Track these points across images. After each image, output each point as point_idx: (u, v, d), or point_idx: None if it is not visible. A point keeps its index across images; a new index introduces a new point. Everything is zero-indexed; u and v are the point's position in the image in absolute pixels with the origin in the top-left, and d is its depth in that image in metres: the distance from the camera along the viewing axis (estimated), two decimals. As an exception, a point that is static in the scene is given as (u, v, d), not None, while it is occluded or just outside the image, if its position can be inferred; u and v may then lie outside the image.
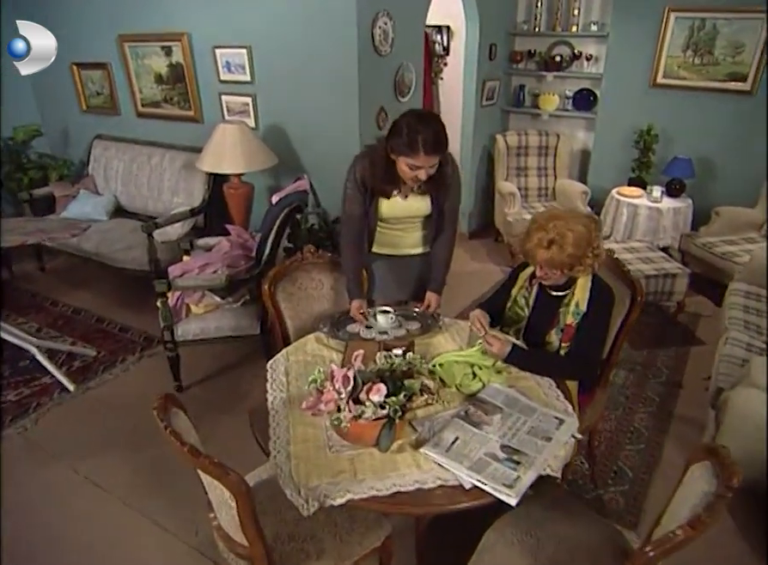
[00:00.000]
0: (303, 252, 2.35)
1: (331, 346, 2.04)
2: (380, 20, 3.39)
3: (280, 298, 2.29)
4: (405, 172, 1.98)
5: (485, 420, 1.61)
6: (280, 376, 1.89)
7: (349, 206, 2.17)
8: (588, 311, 1.86)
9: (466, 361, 1.84)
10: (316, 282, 2.38)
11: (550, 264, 1.80)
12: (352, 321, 2.15)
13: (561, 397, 1.74)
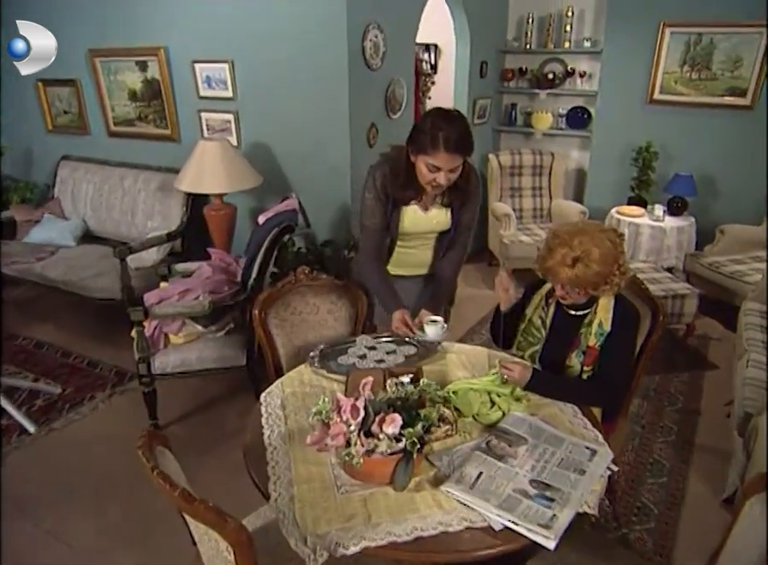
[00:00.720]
0: (296, 274, 2.27)
1: (330, 376, 1.95)
2: (370, 32, 3.40)
3: (272, 324, 2.21)
4: (424, 174, 1.95)
5: (510, 452, 1.52)
6: (276, 409, 1.78)
7: (369, 219, 2.12)
8: (613, 331, 1.80)
9: (482, 389, 1.76)
10: (311, 307, 2.30)
11: (574, 284, 1.75)
12: (343, 352, 2.07)
13: (588, 426, 1.67)
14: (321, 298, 2.30)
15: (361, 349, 2.09)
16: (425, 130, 1.88)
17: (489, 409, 1.70)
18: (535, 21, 4.92)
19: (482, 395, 1.73)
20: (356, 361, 2.03)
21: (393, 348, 2.10)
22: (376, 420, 1.44)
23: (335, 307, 2.32)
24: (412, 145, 1.94)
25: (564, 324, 1.90)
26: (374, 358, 2.03)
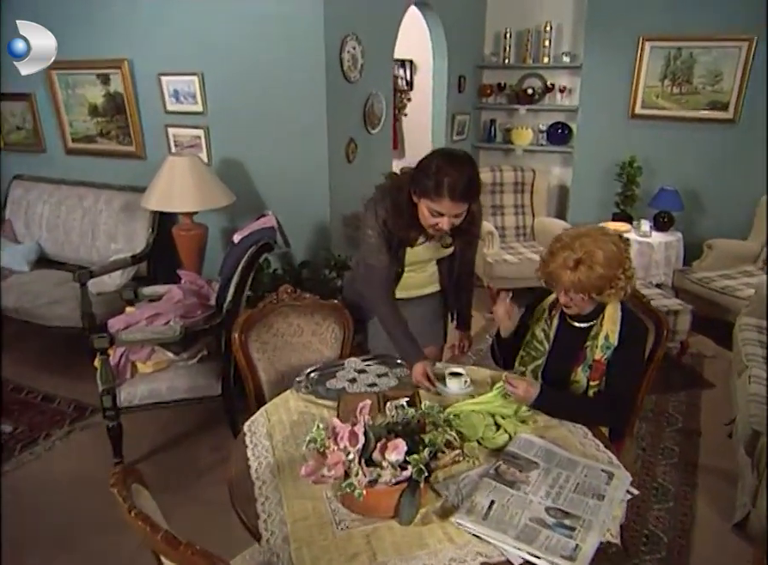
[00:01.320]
0: (279, 293, 2.20)
1: (319, 402, 1.87)
2: (348, 44, 3.40)
3: (253, 348, 2.13)
4: (426, 217, 1.91)
5: (521, 478, 1.46)
6: (262, 439, 1.70)
7: (376, 256, 2.04)
8: (620, 345, 1.78)
9: (485, 411, 1.71)
10: (294, 328, 2.23)
11: (577, 288, 1.73)
12: (331, 376, 2.00)
13: (601, 447, 1.63)
14: (305, 319, 2.23)
15: (350, 373, 2.03)
16: (430, 175, 1.83)
17: (494, 432, 1.65)
18: (513, 36, 5.02)
19: (486, 418, 1.68)
20: (346, 385, 1.96)
21: (384, 370, 2.05)
22: (377, 447, 1.37)
23: (320, 329, 2.25)
24: (415, 187, 1.89)
25: (569, 337, 1.87)
26: (365, 382, 1.97)
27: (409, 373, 1.99)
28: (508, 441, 1.61)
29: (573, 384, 1.82)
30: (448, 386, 1.90)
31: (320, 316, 2.24)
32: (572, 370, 1.82)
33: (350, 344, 2.25)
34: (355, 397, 1.83)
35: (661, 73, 4.47)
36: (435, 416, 1.53)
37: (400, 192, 1.95)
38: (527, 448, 1.57)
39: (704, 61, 4.31)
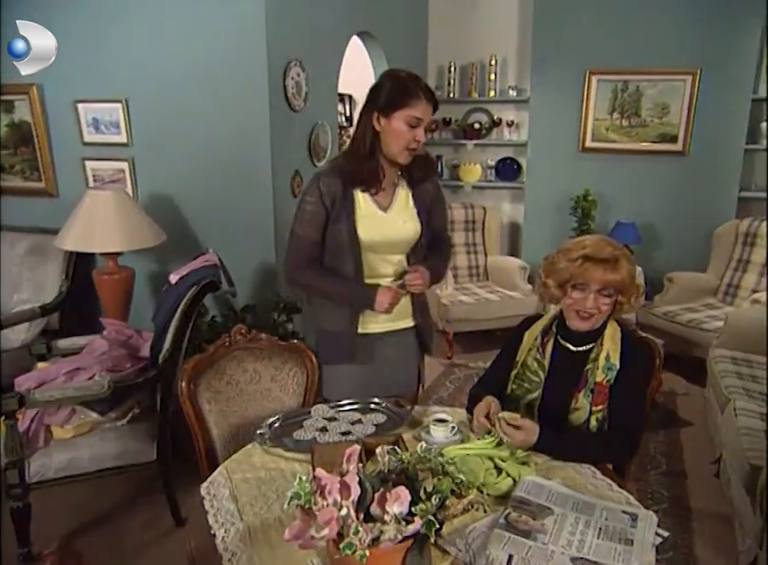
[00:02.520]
0: (232, 334, 2.07)
1: (287, 456, 1.73)
2: (292, 70, 3.39)
3: (203, 398, 1.99)
4: (404, 134, 1.92)
5: (536, 526, 1.37)
6: (225, 502, 1.53)
7: (304, 227, 2.04)
8: (624, 368, 1.77)
9: (482, 454, 1.63)
10: (250, 375, 2.09)
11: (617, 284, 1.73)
12: (297, 426, 1.88)
13: (614, 487, 1.58)
14: (263, 363, 2.11)
15: (319, 421, 1.91)
16: (400, 83, 1.93)
17: (496, 477, 1.56)
18: (457, 70, 5.20)
19: (484, 461, 1.60)
20: (317, 435, 1.83)
21: (357, 417, 1.94)
22: (375, 498, 1.25)
23: (280, 374, 2.13)
24: (384, 104, 1.92)
25: (566, 362, 1.84)
26: (338, 430, 1.86)
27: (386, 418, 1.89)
28: (512, 486, 1.53)
29: (574, 412, 1.79)
30: (432, 435, 1.81)
31: (279, 359, 2.13)
32: (572, 397, 1.79)
33: (314, 390, 2.13)
34: (331, 447, 1.72)
35: (610, 106, 4.71)
36: (434, 460, 1.43)
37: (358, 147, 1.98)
38: (537, 492, 1.49)
39: (651, 94, 4.59)
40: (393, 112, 1.92)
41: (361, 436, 1.80)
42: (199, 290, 2.62)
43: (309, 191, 2.03)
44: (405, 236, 2.09)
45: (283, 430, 1.87)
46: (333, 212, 2.01)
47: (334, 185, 1.99)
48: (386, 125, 1.94)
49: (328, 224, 2.03)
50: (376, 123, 1.95)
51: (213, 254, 2.96)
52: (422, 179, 2.11)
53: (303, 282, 2.12)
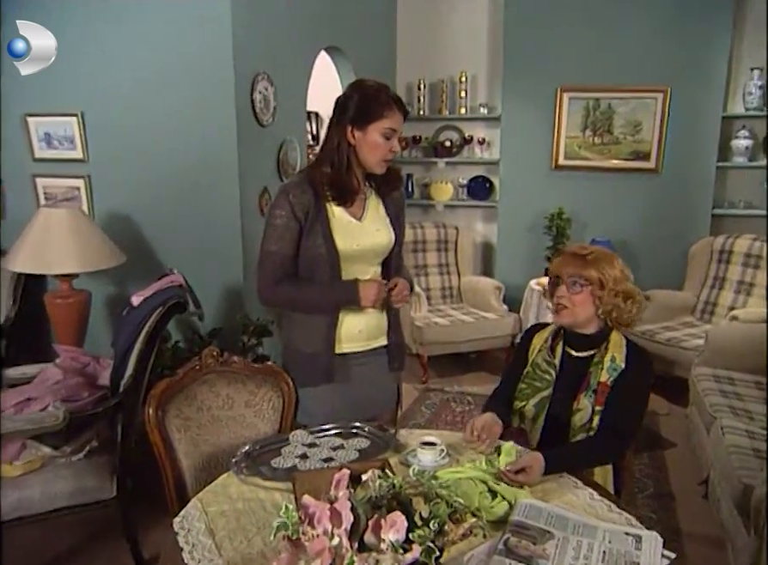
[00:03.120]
0: (203, 357, 2.01)
1: (266, 485, 1.67)
2: (260, 83, 3.38)
3: (172, 427, 1.91)
4: (380, 146, 1.95)
5: (537, 551, 1.34)
6: (201, 537, 1.46)
7: (276, 243, 2.00)
8: (627, 370, 1.88)
9: (475, 477, 1.60)
10: (223, 400, 2.03)
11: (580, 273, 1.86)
12: (276, 454, 1.83)
13: (614, 508, 1.57)
14: (236, 387, 2.05)
15: (298, 448, 1.86)
16: (371, 94, 1.94)
17: (491, 501, 1.53)
18: (427, 87, 5.25)
19: (478, 484, 1.57)
20: (297, 462, 1.78)
21: (339, 442, 1.90)
22: (369, 525, 1.21)
23: (255, 399, 2.06)
24: (359, 118, 1.92)
25: (570, 367, 1.95)
26: (319, 457, 1.81)
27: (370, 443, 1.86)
28: (509, 510, 1.50)
29: (576, 413, 1.89)
30: (420, 459, 1.77)
31: (253, 383, 2.07)
32: (575, 399, 1.90)
33: (291, 416, 2.08)
34: (313, 474, 1.68)
35: (582, 123, 4.81)
36: (427, 484, 1.39)
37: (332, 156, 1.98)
38: (536, 515, 1.46)
39: (623, 111, 4.71)
40: (367, 125, 1.93)
41: (344, 462, 1.76)
42: (165, 312, 2.54)
43: (278, 204, 2.01)
44: (380, 244, 2.09)
45: (261, 458, 1.81)
46: (307, 224, 1.99)
47: (305, 196, 1.97)
48: (361, 138, 1.95)
49: (302, 237, 2.00)
50: (350, 136, 1.95)
51: (178, 275, 2.90)
52: (391, 189, 2.13)
53: (282, 300, 2.09)
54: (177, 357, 3.19)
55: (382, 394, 2.21)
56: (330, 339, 2.06)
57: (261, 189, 3.52)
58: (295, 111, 3.88)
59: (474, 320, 4.64)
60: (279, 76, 3.57)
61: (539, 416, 1.95)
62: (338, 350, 2.08)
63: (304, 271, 2.04)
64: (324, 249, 1.99)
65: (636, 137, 4.71)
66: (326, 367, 2.06)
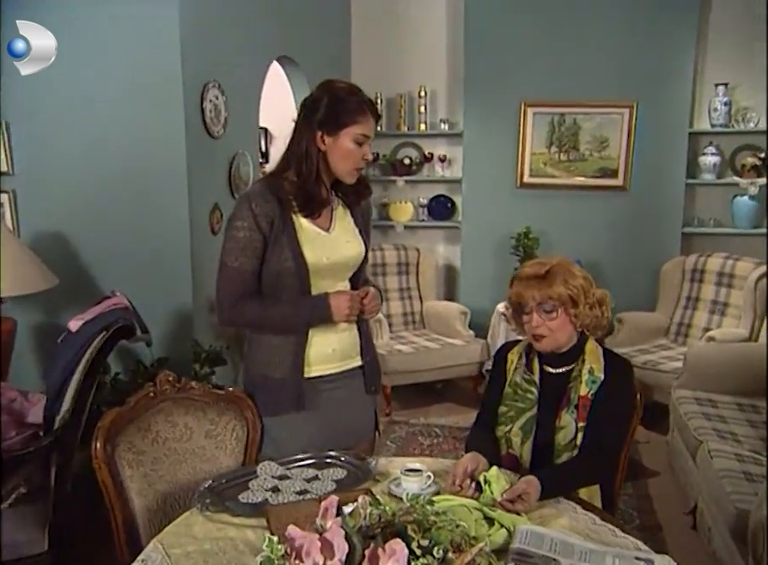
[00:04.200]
0: (158, 382, 1.93)
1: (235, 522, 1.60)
2: (210, 92, 3.37)
3: (123, 462, 1.83)
4: (351, 152, 1.92)
5: (545, 581, 1.31)
6: (165, 582, 1.38)
7: (238, 258, 1.93)
8: (606, 380, 1.89)
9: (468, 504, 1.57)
10: (181, 431, 1.96)
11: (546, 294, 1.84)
12: (243, 488, 1.76)
13: (618, 532, 1.56)
14: (195, 416, 1.98)
15: (268, 481, 1.80)
16: (344, 98, 1.92)
17: (488, 528, 1.50)
18: (384, 102, 5.30)
19: (472, 511, 1.54)
20: (268, 496, 1.72)
21: (313, 473, 1.85)
22: (366, 556, 1.16)
23: (216, 429, 2.00)
24: (330, 123, 1.90)
25: (550, 383, 1.95)
26: (293, 489, 1.76)
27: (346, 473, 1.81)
28: (508, 537, 1.47)
29: (560, 431, 1.88)
30: (404, 487, 1.72)
31: (214, 411, 2.01)
32: (557, 416, 1.90)
33: (257, 446, 2.02)
34: (289, 507, 1.62)
35: (547, 139, 4.93)
36: (420, 510, 1.35)
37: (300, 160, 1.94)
38: (538, 542, 1.43)
39: (589, 127, 4.85)
40: (339, 131, 1.91)
41: (321, 494, 1.70)
42: (110, 336, 2.45)
43: (239, 215, 1.95)
44: (351, 257, 2.06)
45: (226, 493, 1.74)
46: (271, 236, 1.94)
47: (269, 206, 1.92)
48: (332, 145, 1.92)
49: (265, 251, 1.96)
50: (320, 142, 1.92)
51: (121, 296, 2.80)
52: (359, 199, 2.11)
53: (244, 320, 2.03)
54: (117, 392, 3.07)
55: (360, 420, 2.15)
56: (298, 362, 1.99)
57: (212, 205, 3.48)
58: (247, 122, 3.87)
59: (440, 347, 4.64)
60: (230, 85, 3.56)
61: (527, 439, 1.93)
62: (307, 374, 2.02)
63: (268, 288, 1.98)
64: (291, 263, 1.94)
65: (603, 154, 4.84)
66: (295, 394, 1.99)
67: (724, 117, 4.67)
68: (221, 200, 3.55)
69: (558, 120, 4.90)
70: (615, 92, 4.75)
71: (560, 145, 4.93)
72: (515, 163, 5.03)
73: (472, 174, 5.15)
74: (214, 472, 1.91)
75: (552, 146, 4.95)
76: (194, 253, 3.31)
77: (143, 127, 3.22)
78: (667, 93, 4.71)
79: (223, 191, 3.61)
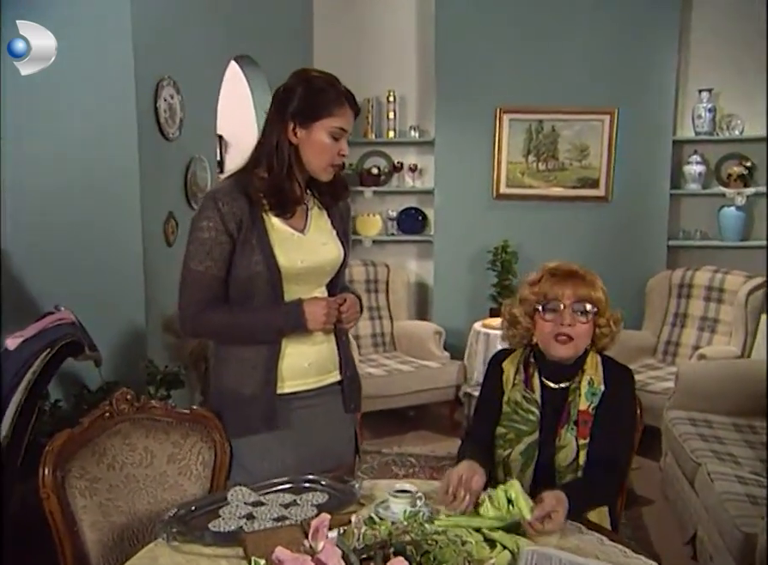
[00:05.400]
0: (115, 401, 1.87)
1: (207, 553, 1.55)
2: (164, 90, 3.37)
3: (74, 490, 1.76)
4: (326, 147, 1.91)
5: (557, 605, 1.28)
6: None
7: (203, 261, 1.90)
8: (608, 391, 1.90)
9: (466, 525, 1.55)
10: (140, 454, 1.90)
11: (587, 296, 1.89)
12: (213, 515, 1.71)
13: (629, 553, 1.55)
14: (156, 439, 1.92)
15: (241, 508, 1.74)
16: (320, 87, 1.91)
17: (490, 551, 1.48)
18: (350, 106, 5.32)
19: (471, 533, 1.53)
20: (243, 523, 1.67)
21: (291, 498, 1.80)
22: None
23: (179, 452, 1.94)
24: (303, 114, 1.89)
25: (550, 400, 1.93)
26: (270, 516, 1.71)
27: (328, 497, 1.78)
28: (512, 560, 1.46)
29: (560, 450, 1.87)
30: (393, 510, 1.69)
31: (178, 433, 1.95)
32: (557, 434, 1.89)
33: (226, 471, 1.96)
34: (267, 534, 1.58)
35: (525, 148, 5.00)
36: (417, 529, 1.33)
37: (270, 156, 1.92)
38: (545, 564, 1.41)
39: (568, 135, 4.94)
40: (313, 123, 1.90)
41: (302, 520, 1.65)
42: (55, 354, 2.38)
43: (205, 214, 1.91)
44: (328, 261, 2.04)
45: (195, 522, 1.68)
46: (240, 238, 1.91)
47: (237, 205, 1.90)
48: (305, 138, 1.91)
49: (234, 254, 1.93)
50: (292, 135, 1.91)
51: (67, 311, 2.73)
52: (337, 199, 2.10)
53: (210, 329, 2.00)
54: (57, 421, 2.97)
55: (338, 442, 2.11)
56: (270, 377, 1.95)
57: (166, 214, 3.46)
58: (204, 125, 3.86)
59: (414, 369, 4.63)
60: (186, 84, 3.55)
61: (529, 465, 1.91)
62: (280, 390, 1.97)
63: (237, 295, 1.95)
64: (263, 267, 1.91)
65: (584, 163, 4.93)
66: (266, 411, 1.95)
67: (709, 124, 4.79)
68: (176, 209, 3.52)
69: (536, 127, 4.98)
70: (595, 97, 4.85)
71: (538, 154, 5.01)
72: (490, 173, 5.08)
73: (445, 185, 5.19)
74: (177, 501, 1.85)
75: (530, 155, 5.02)
76: (147, 266, 3.27)
77: (91, 126, 3.18)
78: (649, 99, 4.84)
79: (179, 198, 3.58)
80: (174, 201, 3.53)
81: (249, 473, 1.95)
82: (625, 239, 4.94)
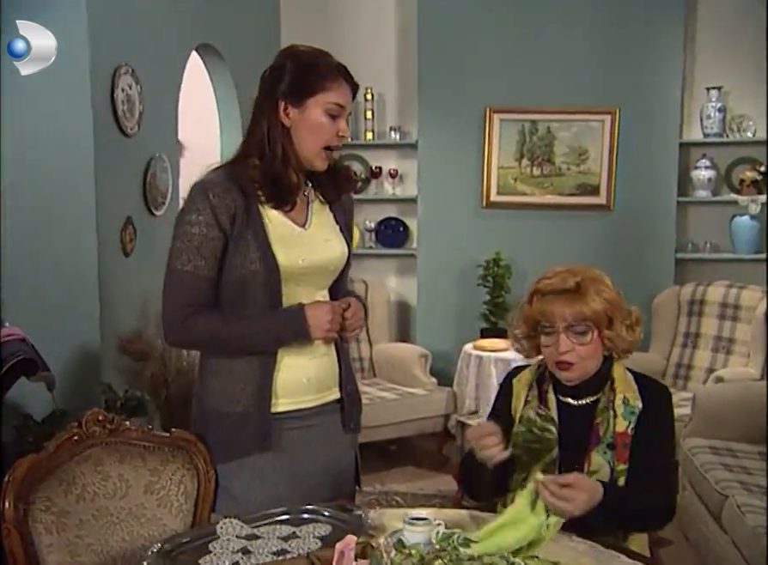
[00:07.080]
0: (85, 422, 1.84)
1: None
2: (122, 78, 3.41)
3: (39, 526, 1.72)
4: (322, 126, 1.90)
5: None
6: None
7: (191, 260, 1.88)
8: (646, 408, 1.89)
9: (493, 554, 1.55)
10: (114, 484, 1.87)
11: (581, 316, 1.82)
12: (203, 551, 1.69)
13: None
14: (132, 465, 1.90)
15: (234, 542, 1.71)
16: (308, 61, 1.92)
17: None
18: (323, 106, 5.34)
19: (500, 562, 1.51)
20: (238, 558, 1.64)
21: (289, 530, 1.77)
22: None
23: (159, 481, 1.92)
24: (294, 91, 1.90)
25: (570, 418, 1.94)
26: (268, 550, 1.68)
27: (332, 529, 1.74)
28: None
29: (590, 476, 1.84)
30: (406, 537, 1.68)
31: (157, 459, 1.93)
32: (585, 459, 1.88)
33: (211, 501, 1.95)
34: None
35: (517, 151, 5.07)
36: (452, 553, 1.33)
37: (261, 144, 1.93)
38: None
39: (565, 137, 5.02)
40: (306, 100, 1.91)
41: (305, 553, 1.63)
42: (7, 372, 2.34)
43: (193, 206, 1.90)
44: (332, 259, 2.03)
45: (181, 559, 1.65)
46: (234, 234, 1.90)
47: (231, 197, 1.89)
48: (297, 117, 1.92)
49: (227, 251, 1.91)
50: (284, 116, 1.91)
51: (15, 328, 2.70)
52: (340, 193, 2.10)
53: (199, 338, 1.96)
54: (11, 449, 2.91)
55: (338, 468, 2.10)
56: (264, 392, 1.94)
57: (124, 220, 3.46)
58: (165, 120, 3.88)
59: (398, 397, 4.63)
60: (146, 73, 3.60)
61: None
62: (274, 408, 1.96)
63: (229, 299, 1.94)
64: (259, 265, 1.89)
65: (583, 167, 5.01)
66: (259, 430, 1.93)
67: (718, 125, 4.91)
68: (134, 214, 3.54)
69: (530, 129, 5.05)
70: (594, 96, 4.95)
71: (532, 158, 5.08)
72: (479, 179, 5.14)
73: (429, 192, 5.22)
74: (156, 538, 1.82)
75: (523, 159, 5.09)
76: (102, 279, 3.28)
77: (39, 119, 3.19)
78: (653, 98, 4.94)
79: (137, 202, 3.60)
80: (133, 205, 3.55)
81: (238, 503, 1.93)
82: (629, 251, 5.00)
